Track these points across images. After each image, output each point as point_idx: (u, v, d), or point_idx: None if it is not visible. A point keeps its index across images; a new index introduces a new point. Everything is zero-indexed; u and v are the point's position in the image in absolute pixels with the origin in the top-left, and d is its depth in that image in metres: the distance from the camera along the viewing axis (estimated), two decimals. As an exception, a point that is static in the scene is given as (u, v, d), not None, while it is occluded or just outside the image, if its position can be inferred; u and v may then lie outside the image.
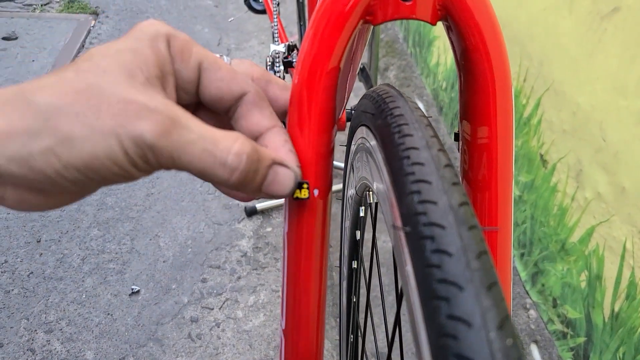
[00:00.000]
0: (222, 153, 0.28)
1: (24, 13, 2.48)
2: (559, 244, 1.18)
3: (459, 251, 0.22)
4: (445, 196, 0.24)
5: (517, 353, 0.19)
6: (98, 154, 0.25)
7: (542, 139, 1.23)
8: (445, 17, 0.36)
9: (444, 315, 0.20)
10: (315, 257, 0.38)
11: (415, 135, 0.29)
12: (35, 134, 0.25)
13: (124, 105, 0.26)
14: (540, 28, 1.22)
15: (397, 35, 2.44)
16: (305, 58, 0.35)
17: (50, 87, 0.26)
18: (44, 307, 1.30)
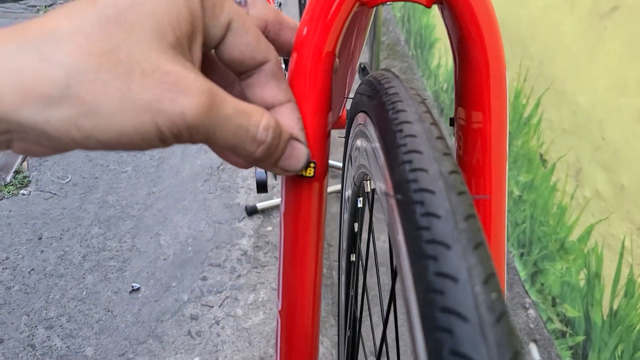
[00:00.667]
0: (254, 127, 0.28)
1: (28, 14, 2.50)
2: (558, 243, 1.19)
3: (448, 213, 0.22)
4: (435, 164, 0.25)
5: (501, 306, 0.19)
6: (127, 130, 0.23)
7: (542, 139, 1.24)
8: (440, 0, 0.37)
9: (432, 272, 0.20)
10: (311, 238, 0.38)
11: (409, 110, 0.29)
12: (54, 102, 0.22)
13: (160, 75, 0.23)
14: (541, 27, 1.23)
15: (398, 37, 2.45)
16: (302, 41, 0.36)
17: (70, 42, 0.22)
18: (45, 303, 1.30)
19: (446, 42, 1.84)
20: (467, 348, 0.18)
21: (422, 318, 0.20)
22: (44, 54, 0.22)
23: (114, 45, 0.23)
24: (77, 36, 0.22)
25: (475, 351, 0.18)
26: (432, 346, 0.19)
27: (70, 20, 0.23)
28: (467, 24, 0.36)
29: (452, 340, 0.19)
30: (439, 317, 0.19)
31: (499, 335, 0.18)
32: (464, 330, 0.19)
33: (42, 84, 0.21)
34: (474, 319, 0.19)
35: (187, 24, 0.26)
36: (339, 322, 0.87)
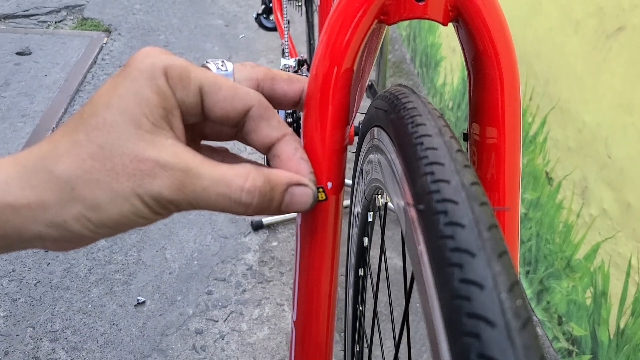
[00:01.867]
0: (235, 193, 0.30)
1: (38, 29, 2.53)
2: (564, 261, 1.19)
3: (471, 223, 0.23)
4: (457, 176, 0.25)
5: (526, 312, 0.20)
6: (125, 213, 0.28)
7: (548, 157, 1.25)
8: (456, 18, 0.38)
9: (457, 279, 0.21)
10: (327, 251, 0.39)
11: (428, 124, 0.30)
12: (65, 204, 0.27)
13: (137, 164, 0.28)
14: (547, 47, 1.24)
15: (404, 55, 2.47)
16: (321, 56, 0.37)
17: (67, 155, 0.28)
18: (50, 315, 1.30)
19: (451, 60, 1.85)
20: (495, 352, 0.19)
21: (447, 324, 0.21)
22: (51, 168, 0.27)
23: (98, 146, 0.28)
24: (72, 148, 0.28)
25: (503, 355, 0.19)
26: (458, 351, 0.20)
27: (66, 135, 0.28)
28: (482, 41, 0.37)
29: (479, 345, 0.19)
30: (466, 323, 0.20)
31: (525, 340, 0.19)
32: (492, 335, 0.19)
33: (53, 190, 0.27)
34: (500, 324, 0.19)
35: (159, 108, 0.29)
36: (346, 337, 0.87)
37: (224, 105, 0.32)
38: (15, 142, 1.80)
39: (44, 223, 0.27)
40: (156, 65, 0.30)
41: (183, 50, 2.47)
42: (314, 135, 0.37)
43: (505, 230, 0.39)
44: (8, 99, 2.01)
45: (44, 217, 0.27)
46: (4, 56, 2.25)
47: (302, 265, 0.40)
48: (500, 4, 0.38)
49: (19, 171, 0.27)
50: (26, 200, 0.27)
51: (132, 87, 0.29)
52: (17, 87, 2.08)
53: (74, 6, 2.76)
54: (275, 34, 2.46)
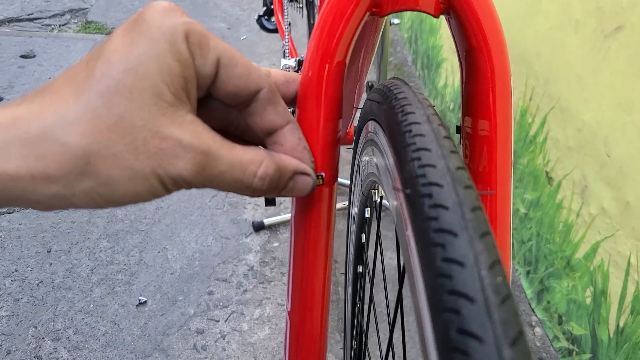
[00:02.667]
0: (248, 179, 0.30)
1: (42, 32, 2.55)
2: (564, 260, 1.19)
3: (455, 205, 0.23)
4: (443, 160, 0.26)
5: (506, 289, 0.20)
6: (140, 191, 0.27)
7: (548, 157, 1.25)
8: (447, 11, 0.38)
9: (440, 258, 0.21)
10: (321, 241, 0.39)
11: (417, 113, 0.30)
12: (76, 178, 0.25)
13: (159, 142, 0.26)
14: (546, 47, 1.25)
15: (405, 58, 2.48)
16: (314, 49, 0.37)
17: (81, 124, 0.25)
18: (52, 315, 1.31)
19: (453, 62, 1.86)
20: (473, 326, 0.19)
21: (430, 301, 0.21)
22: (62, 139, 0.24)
23: (118, 116, 0.25)
24: (87, 115, 0.25)
25: (481, 329, 0.19)
26: (440, 326, 0.20)
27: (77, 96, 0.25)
28: (473, 34, 0.38)
29: (459, 320, 0.20)
30: (447, 299, 0.20)
31: (504, 315, 0.19)
32: (471, 311, 0.20)
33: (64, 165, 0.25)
34: (480, 300, 0.20)
35: (180, 78, 0.27)
36: (345, 335, 0.88)
37: (237, 82, 0.31)
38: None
39: (46, 195, 0.25)
40: (177, 28, 0.27)
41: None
42: (307, 127, 0.37)
43: (497, 216, 0.39)
44: (11, 101, 2.02)
45: (48, 189, 0.25)
46: (9, 59, 2.27)
47: (296, 256, 0.40)
48: (500, 4, 0.39)
49: (22, 137, 0.24)
50: (29, 171, 0.24)
51: (153, 49, 0.26)
52: (21, 90, 2.09)
53: (77, 10, 2.78)
54: (276, 37, 2.47)
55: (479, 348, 0.19)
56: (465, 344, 0.19)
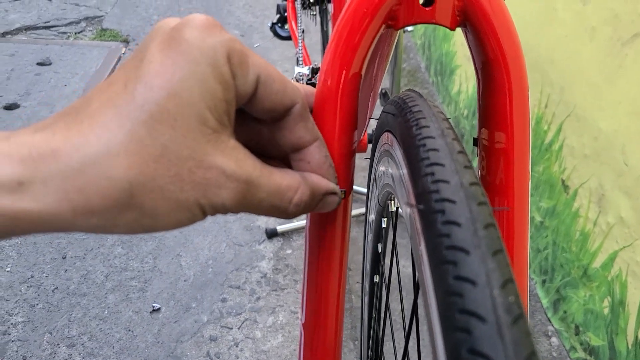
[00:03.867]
0: (285, 205, 0.30)
1: (59, 40, 2.58)
2: (581, 269, 1.17)
3: (468, 222, 0.23)
4: (457, 176, 0.26)
5: (518, 308, 0.20)
6: (182, 221, 0.26)
7: (564, 165, 1.24)
8: (464, 23, 0.38)
9: (452, 276, 0.21)
10: (335, 253, 0.39)
11: (432, 127, 0.30)
12: (119, 211, 0.24)
13: (203, 172, 0.26)
14: (561, 55, 1.24)
15: (418, 64, 2.47)
16: (330, 61, 0.37)
17: (126, 155, 0.24)
18: (67, 321, 1.32)
19: (466, 69, 1.85)
20: (484, 347, 0.19)
21: (442, 320, 0.21)
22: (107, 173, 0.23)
23: (163, 146, 0.24)
24: (132, 145, 0.24)
25: (492, 350, 0.19)
26: (451, 346, 0.20)
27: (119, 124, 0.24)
28: (490, 46, 0.37)
29: (470, 340, 0.19)
30: (458, 318, 0.20)
31: (515, 336, 0.19)
32: (482, 330, 0.19)
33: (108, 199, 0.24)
34: (491, 320, 0.19)
35: (223, 102, 0.27)
36: (361, 344, 0.87)
37: (274, 98, 0.30)
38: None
39: (85, 227, 0.24)
40: (219, 48, 0.26)
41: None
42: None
43: (514, 232, 0.39)
44: (29, 108, 2.05)
45: (88, 222, 0.24)
46: (25, 66, 2.30)
47: (310, 267, 0.40)
48: (514, 12, 0.38)
49: (62, 170, 0.23)
50: (70, 205, 0.23)
51: (195, 73, 0.25)
52: (38, 97, 2.12)
53: (93, 17, 2.81)
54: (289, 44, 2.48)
55: (491, 369, 0.19)
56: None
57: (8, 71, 2.25)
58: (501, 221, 0.39)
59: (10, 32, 2.58)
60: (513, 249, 0.39)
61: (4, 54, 2.36)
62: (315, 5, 1.51)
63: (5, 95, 2.09)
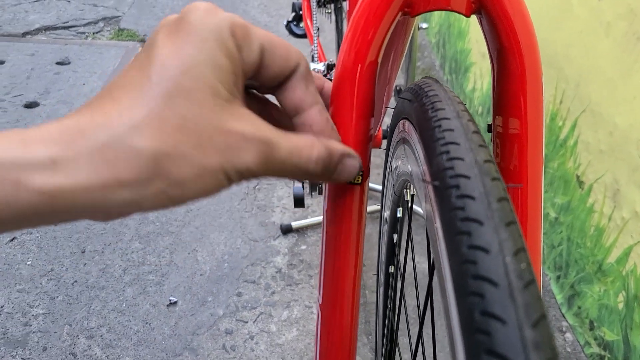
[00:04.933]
0: (306, 163, 0.31)
1: (77, 40, 2.62)
2: (595, 265, 1.17)
3: (481, 195, 0.24)
4: (471, 154, 0.27)
5: (530, 274, 0.21)
6: (208, 188, 0.27)
7: (579, 160, 1.24)
8: (479, 10, 0.39)
9: (466, 246, 0.22)
10: (352, 235, 0.40)
11: (447, 109, 0.31)
12: (147, 181, 0.25)
13: (224, 137, 0.27)
14: (577, 50, 1.24)
15: (433, 62, 2.47)
16: (347, 48, 0.38)
17: (148, 128, 0.25)
18: (86, 314, 1.34)
19: (481, 66, 1.85)
20: (497, 309, 0.20)
21: (456, 286, 0.22)
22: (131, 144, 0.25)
23: (182, 118, 0.26)
24: (152, 118, 0.25)
25: (504, 312, 0.20)
26: (464, 309, 0.21)
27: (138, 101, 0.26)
28: (505, 33, 0.38)
29: (483, 303, 0.20)
30: (471, 284, 0.21)
31: (526, 299, 0.20)
32: (494, 294, 0.20)
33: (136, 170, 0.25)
34: (503, 284, 0.20)
35: (232, 74, 0.29)
36: (376, 336, 0.88)
37: (280, 62, 0.32)
38: (55, 148, 1.86)
39: (116, 201, 0.25)
40: (222, 24, 0.28)
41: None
42: (340, 124, 0.38)
43: (528, 213, 0.40)
44: (48, 106, 2.08)
45: (119, 195, 0.25)
46: (45, 66, 2.34)
47: (328, 248, 0.41)
48: (529, 8, 0.39)
49: (90, 146, 0.24)
50: (100, 179, 0.24)
51: (204, 49, 0.27)
52: (57, 96, 2.15)
53: (110, 18, 2.85)
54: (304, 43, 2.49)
55: (501, 329, 0.20)
56: (489, 325, 0.20)
57: (28, 70, 2.28)
58: (516, 202, 0.40)
59: (30, 32, 2.62)
60: (527, 230, 0.40)
61: (25, 54, 2.40)
62: (330, 4, 1.53)
63: (26, 94, 2.13)
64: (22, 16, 2.75)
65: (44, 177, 0.23)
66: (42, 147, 0.24)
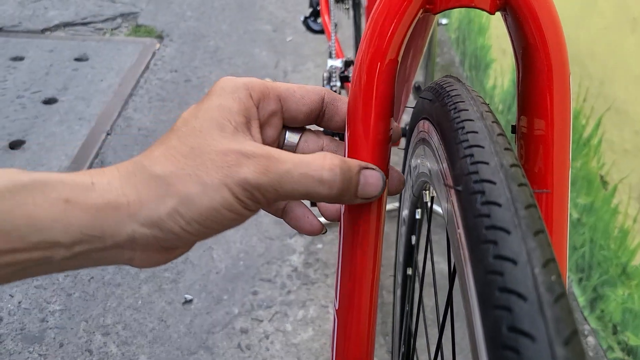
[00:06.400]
0: (317, 172, 0.31)
1: (95, 36, 2.63)
2: (619, 267, 1.14)
3: (508, 202, 0.23)
4: (496, 157, 0.25)
5: (560, 287, 0.19)
6: (214, 205, 0.30)
7: (603, 160, 1.20)
8: (504, 7, 0.37)
9: (492, 255, 0.21)
10: (370, 239, 0.39)
11: (471, 110, 0.30)
12: (161, 199, 0.29)
13: (223, 156, 0.30)
14: (601, 47, 1.21)
15: (452, 59, 2.44)
16: (366, 46, 0.37)
17: (163, 157, 0.31)
18: (102, 310, 1.34)
19: (502, 63, 1.82)
20: (525, 324, 0.19)
21: (480, 298, 0.21)
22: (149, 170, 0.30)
23: (190, 147, 0.31)
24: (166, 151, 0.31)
25: (533, 327, 0.18)
26: (490, 323, 0.20)
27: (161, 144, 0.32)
28: (531, 31, 0.36)
29: (511, 317, 0.19)
30: (498, 296, 0.20)
31: (557, 314, 0.19)
32: (523, 308, 0.19)
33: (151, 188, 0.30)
34: (532, 298, 0.19)
35: (240, 115, 0.33)
36: (393, 338, 0.87)
37: (304, 101, 0.37)
38: (72, 144, 1.87)
39: (139, 220, 0.29)
40: (239, 84, 0.34)
41: (232, 55, 2.52)
42: (358, 125, 0.37)
43: (554, 218, 0.38)
44: (66, 102, 2.09)
45: (140, 213, 0.29)
46: (63, 62, 2.35)
47: (345, 253, 0.40)
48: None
49: (121, 174, 0.30)
50: (126, 198, 0.29)
51: (217, 100, 0.33)
52: (75, 92, 2.16)
53: (128, 14, 2.86)
54: (321, 39, 2.48)
55: (530, 346, 0.18)
56: (517, 341, 0.19)
57: (47, 67, 2.30)
58: (541, 207, 0.38)
59: (49, 29, 2.64)
60: (552, 236, 0.38)
61: (44, 50, 2.42)
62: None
63: (44, 90, 2.14)
64: (41, 12, 2.77)
65: (86, 196, 0.29)
66: (86, 175, 0.30)
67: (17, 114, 2.00)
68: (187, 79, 2.31)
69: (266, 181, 0.30)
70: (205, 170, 0.30)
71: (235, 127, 0.32)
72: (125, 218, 0.29)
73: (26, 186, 0.27)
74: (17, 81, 2.18)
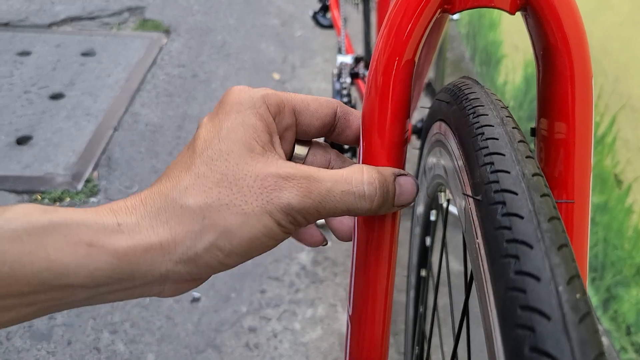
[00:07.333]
0: (358, 188, 0.30)
1: (102, 31, 2.62)
2: (633, 268, 1.13)
3: (530, 214, 0.21)
4: (518, 166, 0.24)
5: (585, 306, 0.18)
6: (257, 234, 0.28)
7: (617, 158, 1.18)
8: (524, 7, 0.36)
9: (513, 271, 0.20)
10: (385, 245, 0.38)
11: (490, 115, 0.28)
12: (197, 235, 0.28)
13: (261, 182, 0.29)
14: (616, 43, 1.18)
15: (463, 54, 2.42)
16: (382, 47, 0.35)
17: (193, 187, 0.29)
18: (110, 308, 1.34)
19: (513, 58, 1.80)
20: (549, 346, 0.18)
21: (501, 316, 0.20)
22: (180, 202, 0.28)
23: (221, 174, 0.29)
24: (196, 180, 0.29)
25: (557, 349, 0.17)
26: (511, 343, 0.18)
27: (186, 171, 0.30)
28: (552, 32, 0.35)
29: (533, 338, 0.18)
30: (520, 315, 0.19)
31: (583, 335, 0.18)
32: (547, 328, 0.18)
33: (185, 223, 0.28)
34: (556, 317, 0.18)
35: (265, 134, 0.31)
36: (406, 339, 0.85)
37: (317, 115, 0.36)
38: (80, 140, 1.87)
39: (173, 260, 0.28)
40: (255, 96, 0.32)
41: (239, 49, 2.50)
42: (373, 127, 0.36)
43: (574, 227, 0.36)
44: (73, 98, 2.09)
45: (175, 252, 0.28)
46: (70, 57, 2.35)
47: (358, 259, 0.39)
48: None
49: (149, 211, 0.28)
50: (157, 238, 0.28)
51: (238, 118, 0.31)
52: (82, 87, 2.16)
53: (135, 8, 2.85)
54: (330, 34, 2.46)
55: (554, 368, 0.17)
56: (540, 363, 0.17)
57: (54, 62, 2.30)
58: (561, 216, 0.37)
59: (56, 23, 2.64)
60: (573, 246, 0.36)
61: (50, 45, 2.41)
62: (358, -6, 1.49)
63: (51, 85, 2.14)
64: (48, 7, 2.76)
65: (112, 239, 0.27)
66: (110, 214, 0.28)
67: (24, 109, 2.00)
68: (194, 74, 2.30)
69: (310, 204, 0.29)
70: (243, 198, 0.28)
71: (263, 146, 0.31)
72: (158, 259, 0.28)
73: (45, 228, 0.26)
74: (24, 76, 2.18)
